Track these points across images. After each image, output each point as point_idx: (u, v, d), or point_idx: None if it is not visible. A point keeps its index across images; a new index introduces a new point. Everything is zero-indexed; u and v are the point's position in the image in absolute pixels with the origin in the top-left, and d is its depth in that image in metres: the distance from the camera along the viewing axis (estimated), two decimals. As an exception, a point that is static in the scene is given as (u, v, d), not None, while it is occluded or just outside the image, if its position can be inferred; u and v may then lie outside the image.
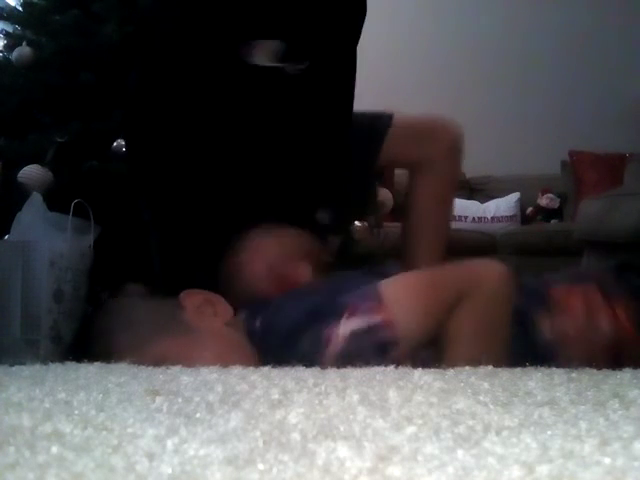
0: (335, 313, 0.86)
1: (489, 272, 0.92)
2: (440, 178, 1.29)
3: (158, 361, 0.83)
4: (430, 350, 0.88)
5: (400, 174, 1.45)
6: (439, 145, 1.28)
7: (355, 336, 0.85)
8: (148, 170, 1.19)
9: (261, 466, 0.37)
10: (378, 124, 1.30)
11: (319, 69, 1.14)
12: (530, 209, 3.91)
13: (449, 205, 1.39)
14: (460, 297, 0.88)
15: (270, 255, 1.06)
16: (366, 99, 1.38)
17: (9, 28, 1.70)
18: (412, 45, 4.18)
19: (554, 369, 0.76)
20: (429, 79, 4.04)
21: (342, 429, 0.46)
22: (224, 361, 0.84)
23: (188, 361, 0.83)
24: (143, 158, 1.20)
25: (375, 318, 0.85)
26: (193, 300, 0.94)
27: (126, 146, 1.37)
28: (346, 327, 0.85)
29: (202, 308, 0.94)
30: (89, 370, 0.77)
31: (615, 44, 4.07)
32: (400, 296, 0.89)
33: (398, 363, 0.81)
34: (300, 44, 1.12)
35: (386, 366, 0.76)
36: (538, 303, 0.95)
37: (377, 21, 1.33)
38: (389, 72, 3.94)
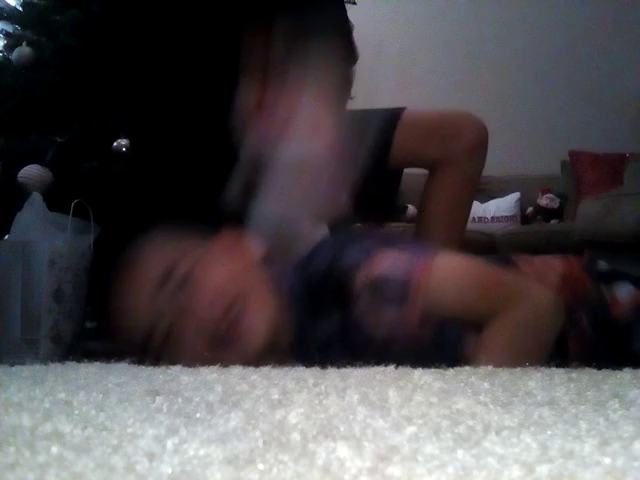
0: (389, 244, 0.89)
1: (540, 296, 0.88)
2: (461, 178, 1.24)
3: (176, 262, 0.87)
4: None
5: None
6: (462, 142, 1.23)
7: (391, 267, 0.86)
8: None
9: (261, 466, 0.37)
10: (388, 118, 1.25)
11: None
12: (530, 209, 3.91)
13: (467, 207, 1.34)
14: (499, 308, 0.85)
15: None
16: (365, 101, 1.38)
17: (9, 28, 1.70)
18: (412, 44, 4.18)
19: (554, 369, 0.76)
20: (429, 79, 4.04)
21: (342, 429, 0.46)
22: (237, 280, 0.88)
23: (204, 268, 0.87)
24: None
25: (415, 265, 0.86)
26: (225, 239, 0.96)
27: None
28: (389, 258, 0.87)
29: (230, 248, 0.95)
30: (89, 370, 0.77)
31: (615, 44, 4.08)
32: (449, 266, 0.89)
33: (409, 317, 0.84)
34: None
35: (386, 366, 0.76)
36: (504, 261, 1.00)
37: (376, 22, 1.33)
38: (389, 72, 3.94)
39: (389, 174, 1.31)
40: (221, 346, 0.83)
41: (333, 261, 0.88)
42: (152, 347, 0.84)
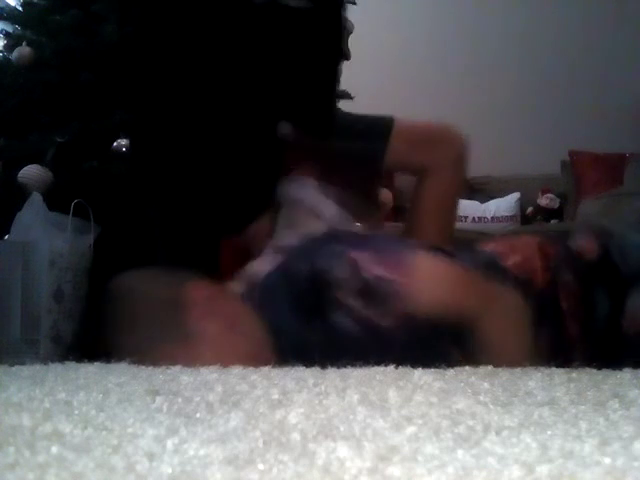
0: (365, 244, 0.92)
1: (507, 295, 0.95)
2: (446, 184, 1.33)
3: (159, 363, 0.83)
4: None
5: (399, 174, 1.45)
6: (446, 153, 1.32)
7: (372, 270, 0.89)
8: (151, 160, 1.21)
9: (261, 466, 0.37)
10: (380, 126, 1.33)
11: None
12: (530, 209, 3.90)
13: (453, 211, 1.42)
14: (472, 311, 0.91)
15: None
16: (365, 101, 1.38)
17: (9, 28, 1.70)
18: (411, 44, 4.17)
19: (554, 369, 0.76)
20: (429, 79, 4.04)
21: (342, 429, 0.46)
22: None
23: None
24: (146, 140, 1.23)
25: (393, 271, 0.89)
26: (199, 295, 0.93)
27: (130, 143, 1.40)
28: (365, 261, 0.89)
29: (207, 307, 0.92)
30: (89, 370, 0.77)
31: (615, 44, 4.07)
32: (428, 269, 0.94)
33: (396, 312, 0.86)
34: None
35: (386, 366, 0.76)
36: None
37: (376, 22, 1.33)
38: (389, 72, 3.94)
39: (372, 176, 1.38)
40: None
41: (312, 267, 0.90)
42: None
